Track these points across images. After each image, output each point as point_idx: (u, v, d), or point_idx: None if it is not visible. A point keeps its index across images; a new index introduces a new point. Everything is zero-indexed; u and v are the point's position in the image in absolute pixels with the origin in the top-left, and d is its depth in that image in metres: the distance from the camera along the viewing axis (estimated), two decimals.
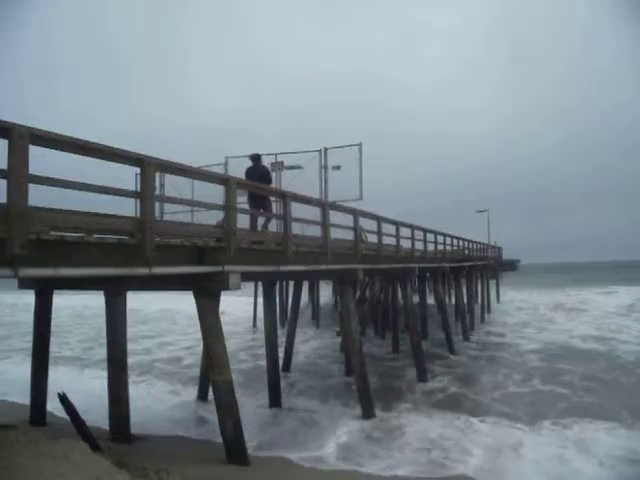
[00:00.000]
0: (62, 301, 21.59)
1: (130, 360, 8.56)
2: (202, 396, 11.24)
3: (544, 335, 21.32)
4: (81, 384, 12.17)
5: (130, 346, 8.56)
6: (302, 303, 18.09)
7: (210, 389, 8.60)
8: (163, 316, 32.21)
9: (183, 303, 25.25)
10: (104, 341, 8.37)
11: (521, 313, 30.18)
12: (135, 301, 13.54)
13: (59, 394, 6.96)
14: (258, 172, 10.15)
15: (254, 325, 25.47)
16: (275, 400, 10.87)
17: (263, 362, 12.12)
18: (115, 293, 8.02)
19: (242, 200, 9.67)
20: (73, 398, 7.12)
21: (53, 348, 10.21)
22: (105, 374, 8.29)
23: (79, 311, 35.19)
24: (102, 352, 10.54)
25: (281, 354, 12.73)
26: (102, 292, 8.09)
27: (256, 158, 10.48)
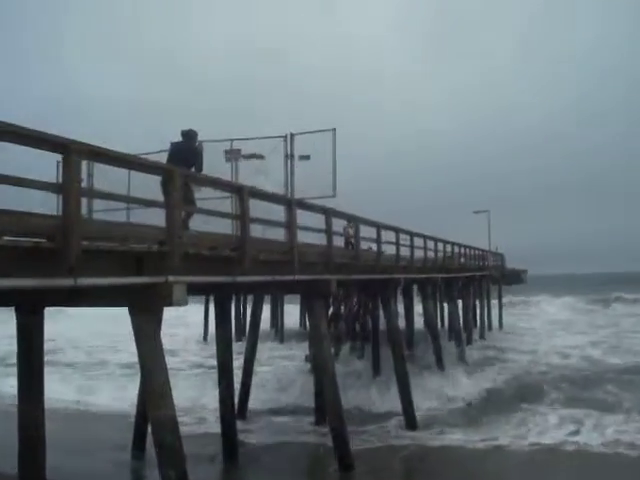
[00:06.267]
0: None
1: None
2: (138, 446, 10.61)
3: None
4: None
5: None
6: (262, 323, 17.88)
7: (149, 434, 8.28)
8: None
9: None
10: None
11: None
12: None
13: None
14: (183, 151, 9.56)
15: (204, 339, 25.60)
16: (230, 452, 10.45)
17: None
18: (29, 311, 7.82)
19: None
20: None
21: None
22: None
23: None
24: None
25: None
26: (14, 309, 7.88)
27: (187, 135, 9.75)
